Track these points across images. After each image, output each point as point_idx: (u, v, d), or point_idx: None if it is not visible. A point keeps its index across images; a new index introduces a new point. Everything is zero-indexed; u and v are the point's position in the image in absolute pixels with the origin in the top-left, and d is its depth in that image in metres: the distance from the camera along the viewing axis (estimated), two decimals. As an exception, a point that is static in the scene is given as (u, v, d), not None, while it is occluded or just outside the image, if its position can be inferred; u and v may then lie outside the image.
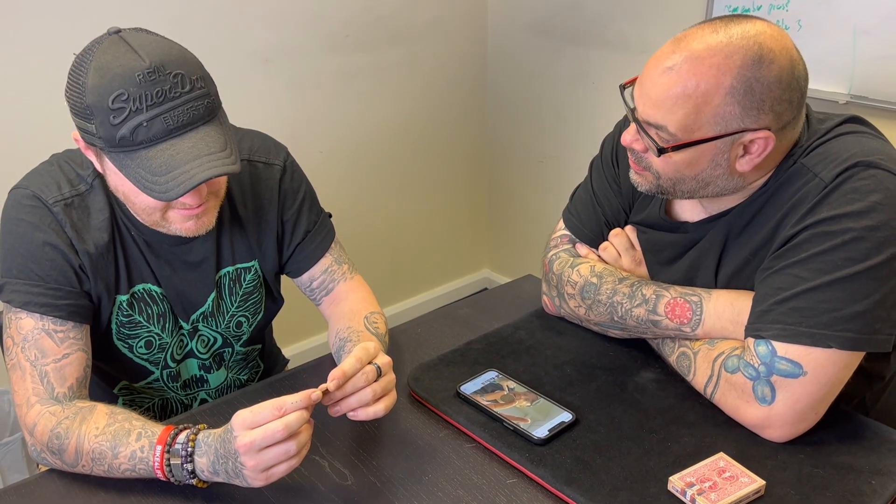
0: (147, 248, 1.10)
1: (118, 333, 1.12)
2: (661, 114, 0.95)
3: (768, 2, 1.85)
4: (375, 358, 0.95)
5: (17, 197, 1.04)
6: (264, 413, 0.84)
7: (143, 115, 0.89)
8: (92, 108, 0.90)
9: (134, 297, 1.11)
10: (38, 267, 1.01)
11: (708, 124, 0.94)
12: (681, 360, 1.08)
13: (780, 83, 0.92)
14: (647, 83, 0.97)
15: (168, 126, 0.91)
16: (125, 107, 0.89)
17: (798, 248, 0.95)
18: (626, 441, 0.98)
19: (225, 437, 0.87)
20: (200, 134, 0.93)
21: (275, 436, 0.83)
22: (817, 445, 0.96)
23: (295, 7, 2.16)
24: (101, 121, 0.90)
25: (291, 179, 1.20)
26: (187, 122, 0.92)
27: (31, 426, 0.97)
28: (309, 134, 2.31)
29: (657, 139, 0.97)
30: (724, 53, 0.92)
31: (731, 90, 0.92)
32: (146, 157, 0.91)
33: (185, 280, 1.14)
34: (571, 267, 1.20)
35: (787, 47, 0.94)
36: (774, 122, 0.94)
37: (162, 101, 0.90)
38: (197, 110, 0.93)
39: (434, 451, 1.00)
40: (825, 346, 0.92)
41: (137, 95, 0.89)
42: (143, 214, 1.02)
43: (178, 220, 1.02)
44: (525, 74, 2.60)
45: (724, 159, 0.97)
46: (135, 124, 0.90)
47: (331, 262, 1.23)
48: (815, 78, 1.80)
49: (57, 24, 1.77)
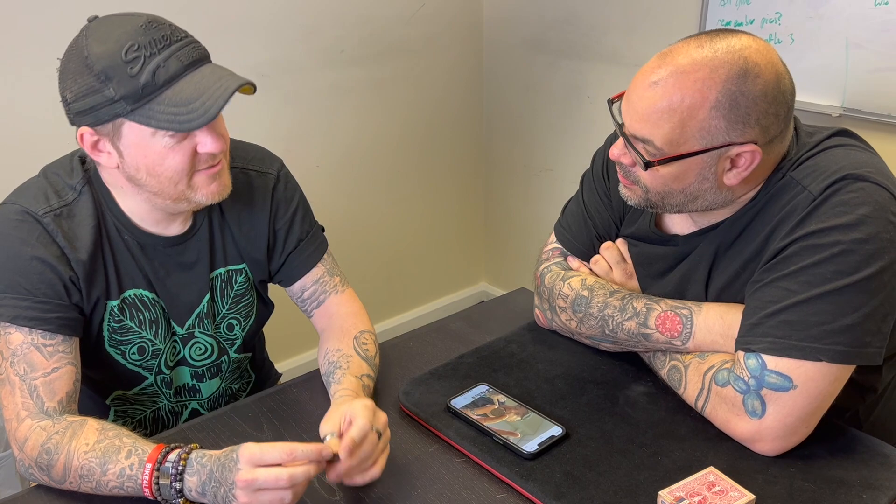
0: (140, 251, 1.11)
1: (110, 340, 1.12)
2: (647, 128, 0.95)
3: (761, 15, 1.86)
4: (377, 422, 0.94)
5: (5, 213, 1.05)
6: (273, 454, 0.85)
7: (159, 57, 0.95)
8: (106, 70, 0.94)
9: (125, 302, 1.11)
10: (27, 281, 1.01)
11: (694, 138, 0.95)
12: (671, 374, 1.07)
13: (766, 97, 0.93)
14: (633, 98, 0.97)
15: (182, 62, 0.97)
16: (139, 55, 0.94)
17: (787, 261, 0.95)
18: (616, 455, 0.98)
19: (225, 463, 0.87)
20: (211, 66, 1.01)
21: (277, 482, 0.84)
22: (808, 459, 0.96)
23: (291, 23, 2.18)
24: (119, 78, 0.94)
25: (285, 189, 1.21)
26: (196, 58, 0.99)
27: (22, 441, 0.96)
28: (305, 148, 2.32)
29: (644, 153, 0.98)
30: (709, 68, 0.92)
31: (716, 104, 0.92)
32: (173, 94, 0.96)
33: (180, 282, 1.15)
34: (563, 280, 1.20)
35: (773, 61, 0.94)
36: (761, 136, 0.95)
37: (169, 44, 0.97)
38: (200, 50, 1.00)
39: (424, 466, 1.00)
40: (815, 360, 0.92)
41: (146, 42, 0.95)
42: (168, 187, 1.03)
43: (203, 184, 1.04)
44: (520, 88, 2.61)
45: (711, 173, 0.97)
46: (154, 67, 0.95)
47: (322, 272, 1.24)
48: (808, 91, 1.81)
49: (45, 36, 1.78)
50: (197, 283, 1.16)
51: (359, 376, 1.07)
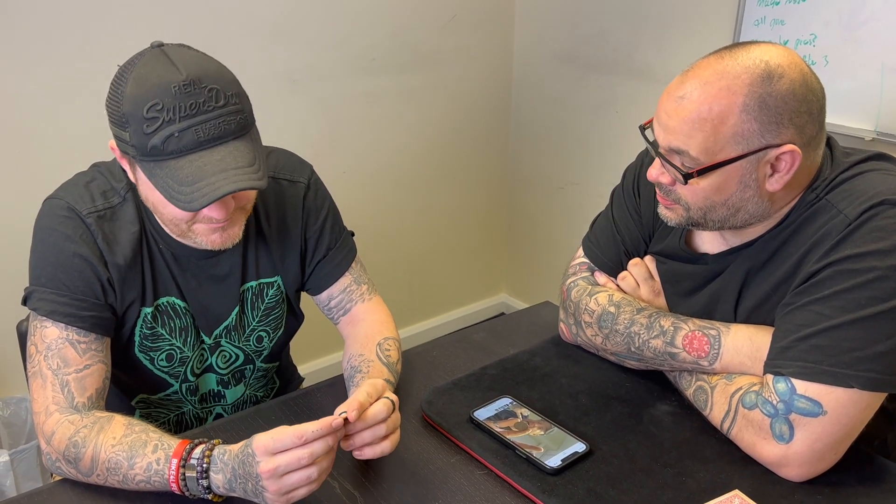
0: (174, 261, 1.12)
1: (140, 346, 1.13)
2: (680, 138, 0.96)
3: (795, 36, 1.85)
4: (383, 395, 0.95)
5: (51, 207, 1.06)
6: (285, 440, 0.85)
7: (175, 126, 0.92)
8: (127, 116, 0.93)
9: (158, 309, 1.12)
10: (67, 277, 1.03)
11: (729, 145, 0.94)
12: (697, 394, 1.06)
13: (795, 95, 0.93)
14: (662, 116, 0.98)
15: (198, 138, 0.93)
16: (158, 116, 0.91)
17: (821, 285, 0.94)
18: (639, 474, 0.97)
19: (244, 459, 0.87)
20: (230, 148, 0.95)
21: (299, 462, 0.85)
22: (836, 486, 0.94)
23: (324, 30, 2.20)
24: (135, 129, 0.93)
25: (315, 197, 1.21)
26: (218, 135, 0.94)
27: (49, 434, 0.98)
28: (333, 154, 2.34)
29: (681, 167, 0.97)
30: (731, 75, 0.93)
31: (744, 108, 0.92)
32: (174, 168, 0.93)
33: (210, 294, 1.15)
34: (589, 295, 1.20)
35: (796, 62, 0.94)
36: (798, 136, 0.94)
37: (195, 114, 0.92)
38: (228, 125, 0.95)
39: (445, 476, 0.99)
40: (846, 386, 0.91)
41: (171, 106, 0.91)
42: (170, 225, 1.04)
43: (203, 233, 1.03)
44: (549, 101, 2.61)
45: (752, 180, 0.97)
46: (166, 134, 0.92)
47: (350, 281, 1.24)
48: (842, 113, 1.79)
49: (94, 38, 1.81)
50: (227, 295, 1.16)
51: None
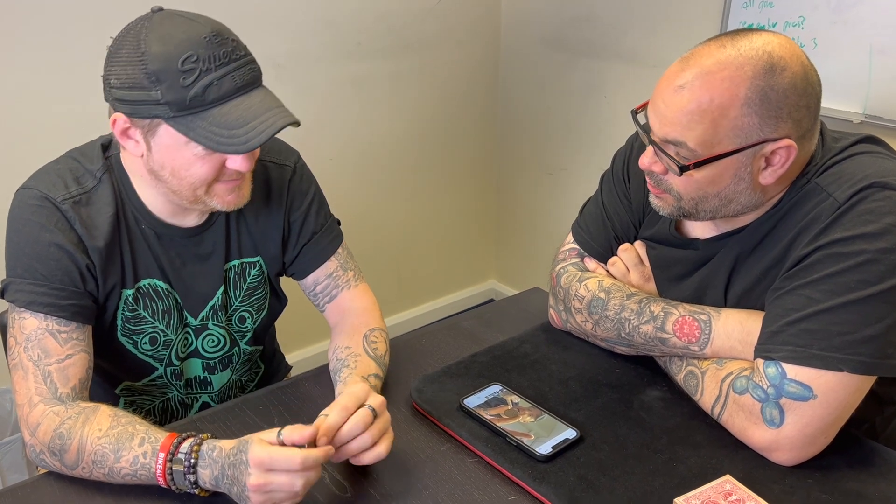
0: (157, 241, 1.11)
1: (123, 329, 1.11)
2: (678, 130, 0.94)
3: (784, 19, 1.84)
4: (367, 400, 0.94)
5: (24, 197, 1.04)
6: (282, 461, 0.85)
7: (213, 74, 0.94)
8: (158, 73, 0.93)
9: (139, 291, 1.11)
10: (44, 267, 1.01)
11: (728, 138, 0.93)
12: (688, 380, 1.06)
13: (796, 89, 0.92)
14: (660, 104, 0.96)
15: (236, 84, 0.96)
16: (195, 67, 0.93)
17: (810, 269, 0.94)
18: (630, 460, 0.97)
19: (236, 463, 0.86)
20: (263, 92, 1.00)
21: (292, 487, 0.85)
22: (826, 470, 0.94)
23: (308, 14, 2.17)
24: (170, 84, 0.93)
25: (301, 181, 1.21)
26: (250, 80, 0.99)
27: (34, 426, 0.96)
28: (318, 140, 2.31)
29: (677, 157, 0.96)
30: (734, 66, 0.91)
31: (746, 101, 0.91)
32: (219, 115, 0.95)
33: (195, 273, 1.14)
34: (579, 281, 1.19)
35: (797, 54, 0.93)
36: (794, 130, 0.93)
37: (228, 62, 0.96)
38: (255, 72, 1.00)
39: (435, 465, 0.99)
40: (836, 370, 0.90)
41: (206, 56, 0.94)
42: (187, 191, 1.03)
43: (221, 193, 1.04)
44: (536, 86, 2.59)
45: (746, 173, 0.96)
46: (206, 83, 0.94)
47: (336, 266, 1.23)
48: (830, 97, 1.78)
49: (65, 28, 1.78)
50: (212, 274, 1.16)
51: (365, 376, 1.07)
